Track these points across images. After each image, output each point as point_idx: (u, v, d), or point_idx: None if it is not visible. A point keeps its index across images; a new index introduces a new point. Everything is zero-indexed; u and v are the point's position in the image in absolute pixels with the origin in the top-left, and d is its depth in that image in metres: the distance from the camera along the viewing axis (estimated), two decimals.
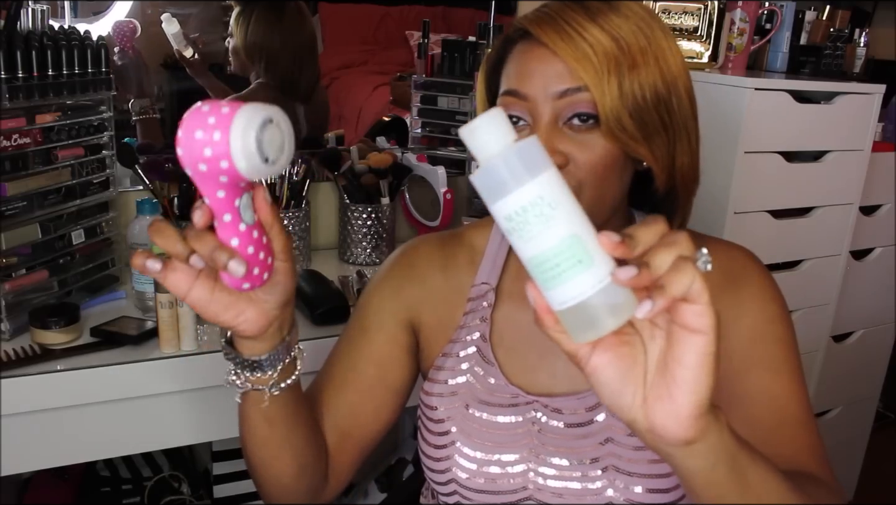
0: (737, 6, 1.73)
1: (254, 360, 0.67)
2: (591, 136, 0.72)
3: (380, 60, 2.00)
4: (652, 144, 0.73)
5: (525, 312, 0.84)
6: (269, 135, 0.52)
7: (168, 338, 1.08)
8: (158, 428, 1.12)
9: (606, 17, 0.71)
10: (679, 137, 0.75)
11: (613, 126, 0.70)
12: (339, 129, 1.78)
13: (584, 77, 0.69)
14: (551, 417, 0.80)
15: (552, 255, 0.48)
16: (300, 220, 1.45)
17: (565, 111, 0.72)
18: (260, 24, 1.64)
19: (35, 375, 1.01)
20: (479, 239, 0.89)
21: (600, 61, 0.69)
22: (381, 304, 0.88)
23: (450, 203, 1.55)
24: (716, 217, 1.58)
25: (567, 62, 0.70)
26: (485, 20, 1.80)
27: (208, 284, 0.60)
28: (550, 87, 0.71)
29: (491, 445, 0.81)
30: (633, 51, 0.70)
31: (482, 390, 0.82)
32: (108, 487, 1.57)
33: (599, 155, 0.72)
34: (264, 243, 0.58)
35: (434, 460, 0.84)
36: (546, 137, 0.71)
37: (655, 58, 0.72)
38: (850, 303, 1.95)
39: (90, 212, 1.25)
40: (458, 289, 0.87)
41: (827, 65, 1.96)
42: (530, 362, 0.83)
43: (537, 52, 0.72)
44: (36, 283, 1.15)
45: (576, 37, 0.70)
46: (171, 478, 1.58)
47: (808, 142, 1.67)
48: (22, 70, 1.08)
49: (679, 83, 0.74)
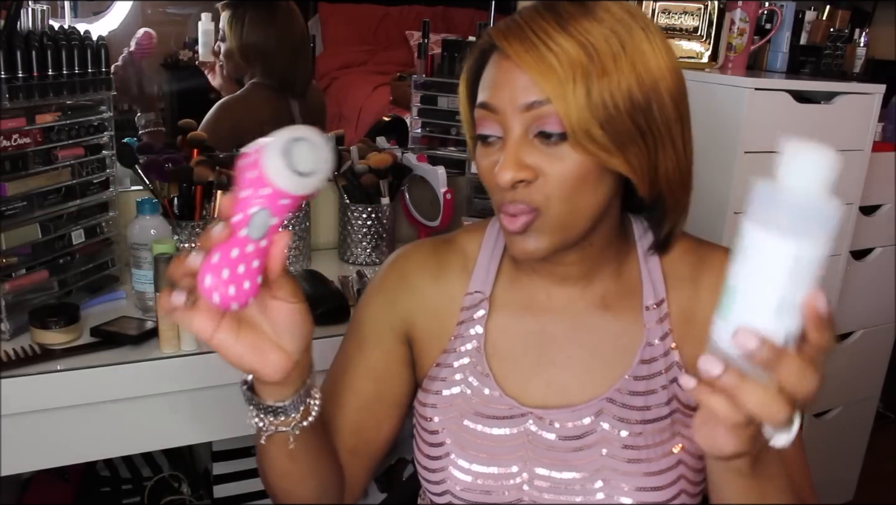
0: (737, 6, 1.73)
1: (278, 406, 0.68)
2: (561, 148, 0.70)
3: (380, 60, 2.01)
4: (628, 154, 0.70)
5: (519, 321, 0.84)
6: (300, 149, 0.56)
7: (168, 338, 1.08)
8: (158, 428, 1.12)
9: (577, 23, 0.68)
10: (661, 144, 0.72)
11: (581, 138, 0.68)
12: (339, 129, 1.78)
13: (547, 88, 0.67)
14: (546, 430, 0.80)
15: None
16: (300, 220, 1.45)
17: (533, 125, 0.70)
18: (254, 24, 1.64)
19: (35, 375, 1.01)
20: (472, 245, 0.88)
21: (565, 71, 0.67)
22: (375, 317, 0.88)
23: (450, 203, 1.55)
24: (716, 217, 1.58)
25: (530, 74, 0.68)
26: (485, 20, 1.80)
27: (233, 326, 0.61)
28: (517, 100, 0.70)
29: (486, 457, 0.80)
30: (602, 57, 0.67)
31: (477, 402, 0.82)
32: (108, 487, 1.57)
33: (570, 168, 0.70)
34: (253, 269, 0.58)
35: (430, 471, 0.83)
36: (515, 151, 0.70)
37: (631, 62, 0.69)
38: (850, 303, 1.96)
39: (90, 212, 1.25)
40: (450, 298, 0.86)
41: (827, 65, 1.96)
42: (524, 373, 0.82)
43: (505, 65, 0.71)
44: (36, 283, 1.15)
45: (541, 47, 0.68)
46: (171, 478, 1.58)
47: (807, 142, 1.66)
48: (22, 70, 1.08)
49: (661, 86, 0.70)
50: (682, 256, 0.83)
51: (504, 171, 0.70)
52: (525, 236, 0.74)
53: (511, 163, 0.70)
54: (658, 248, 0.82)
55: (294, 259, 1.46)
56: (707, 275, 0.82)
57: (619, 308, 0.82)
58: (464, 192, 1.68)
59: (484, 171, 0.75)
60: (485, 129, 0.74)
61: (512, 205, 0.72)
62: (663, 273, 0.83)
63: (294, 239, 1.45)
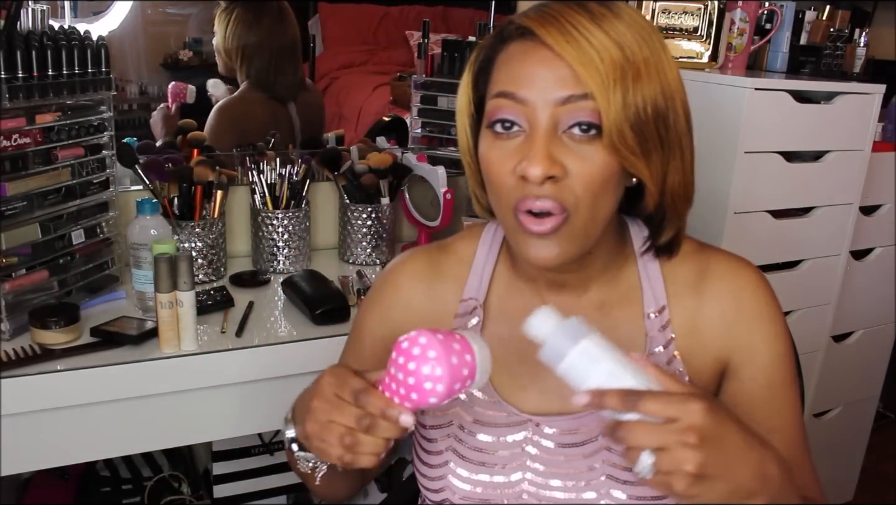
0: (737, 6, 1.73)
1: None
2: (591, 147, 0.67)
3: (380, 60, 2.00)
4: (649, 161, 0.69)
5: (514, 329, 0.81)
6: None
7: (168, 338, 1.08)
8: (158, 428, 1.12)
9: (611, 23, 0.67)
10: (673, 155, 0.71)
11: (616, 138, 0.66)
12: (339, 129, 1.78)
13: (591, 84, 0.65)
14: (544, 438, 0.79)
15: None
16: (300, 220, 1.45)
17: (565, 119, 0.67)
18: (239, 23, 1.63)
19: (35, 375, 1.01)
20: (467, 250, 0.87)
21: (607, 69, 0.65)
22: (371, 329, 0.89)
23: (450, 203, 1.55)
24: (716, 217, 1.58)
25: (573, 67, 0.66)
26: (485, 20, 1.80)
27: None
28: (552, 93, 0.67)
29: (485, 466, 0.80)
30: (637, 61, 0.67)
31: (476, 410, 0.81)
32: (108, 487, 1.57)
33: (598, 168, 0.68)
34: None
35: (429, 479, 0.83)
36: (544, 146, 0.67)
37: (657, 70, 0.68)
38: (850, 303, 1.96)
39: (90, 212, 1.25)
40: (444, 306, 0.85)
41: (827, 65, 1.96)
42: (521, 381, 0.81)
43: (539, 54, 0.67)
44: (36, 283, 1.15)
45: (581, 40, 0.66)
46: (171, 478, 1.58)
47: (808, 142, 1.67)
48: (22, 70, 1.08)
49: (677, 98, 0.70)
50: (683, 260, 0.81)
51: (535, 165, 0.66)
52: (548, 241, 0.70)
53: (543, 157, 0.66)
54: (663, 253, 0.81)
55: (294, 259, 1.46)
56: (710, 283, 0.80)
57: (618, 315, 0.81)
58: (464, 193, 1.68)
59: (496, 163, 0.71)
60: (505, 116, 0.69)
61: (538, 201, 0.68)
62: (663, 278, 0.81)
63: (294, 239, 1.45)
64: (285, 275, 1.40)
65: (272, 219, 1.43)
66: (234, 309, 1.25)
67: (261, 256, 1.46)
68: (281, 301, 1.32)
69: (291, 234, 1.44)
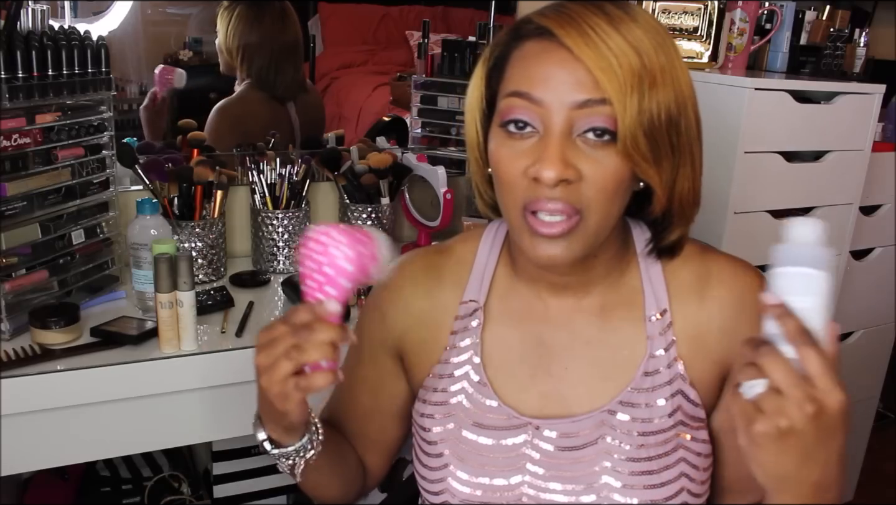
0: (737, 6, 1.73)
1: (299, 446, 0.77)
2: (605, 152, 0.68)
3: (380, 60, 2.00)
4: (660, 167, 0.70)
5: (514, 331, 0.82)
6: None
7: (168, 338, 1.08)
8: (158, 428, 1.12)
9: (628, 28, 0.67)
10: (683, 161, 0.72)
11: (629, 145, 0.67)
12: (339, 129, 1.78)
13: (609, 89, 0.65)
14: (544, 440, 0.78)
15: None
16: (300, 220, 1.45)
17: (581, 123, 0.67)
18: (240, 21, 1.63)
19: (35, 375, 1.01)
20: (467, 252, 0.87)
21: (625, 75, 0.65)
22: (370, 332, 0.89)
23: (450, 203, 1.55)
24: (716, 217, 1.58)
25: (592, 71, 0.65)
26: (485, 20, 1.79)
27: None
28: (568, 95, 0.67)
29: (485, 469, 0.79)
30: (654, 68, 0.67)
31: (476, 412, 0.81)
32: (108, 487, 1.57)
33: (611, 173, 0.68)
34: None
35: (429, 481, 0.83)
36: (559, 149, 0.67)
37: (672, 77, 0.68)
38: (850, 303, 1.96)
39: (90, 212, 1.25)
40: (444, 308, 0.85)
41: (827, 65, 1.96)
42: (521, 383, 0.81)
43: (556, 55, 0.67)
44: (36, 283, 1.15)
45: (600, 44, 0.65)
46: (171, 478, 1.58)
47: (808, 142, 1.67)
48: (22, 70, 1.08)
49: (689, 105, 0.71)
50: (686, 263, 0.81)
51: (550, 168, 0.66)
52: (556, 241, 0.70)
53: (557, 159, 0.66)
54: (666, 254, 0.81)
55: (294, 259, 1.46)
56: (714, 287, 0.80)
57: (619, 318, 0.80)
58: (464, 192, 1.68)
59: (507, 162, 0.70)
60: (519, 116, 0.69)
61: (550, 203, 0.68)
62: (665, 281, 0.80)
63: (294, 239, 1.45)
64: (285, 275, 1.40)
65: (272, 219, 1.43)
66: (234, 309, 1.25)
67: (261, 255, 1.46)
68: (281, 301, 1.32)
69: (291, 235, 1.44)
